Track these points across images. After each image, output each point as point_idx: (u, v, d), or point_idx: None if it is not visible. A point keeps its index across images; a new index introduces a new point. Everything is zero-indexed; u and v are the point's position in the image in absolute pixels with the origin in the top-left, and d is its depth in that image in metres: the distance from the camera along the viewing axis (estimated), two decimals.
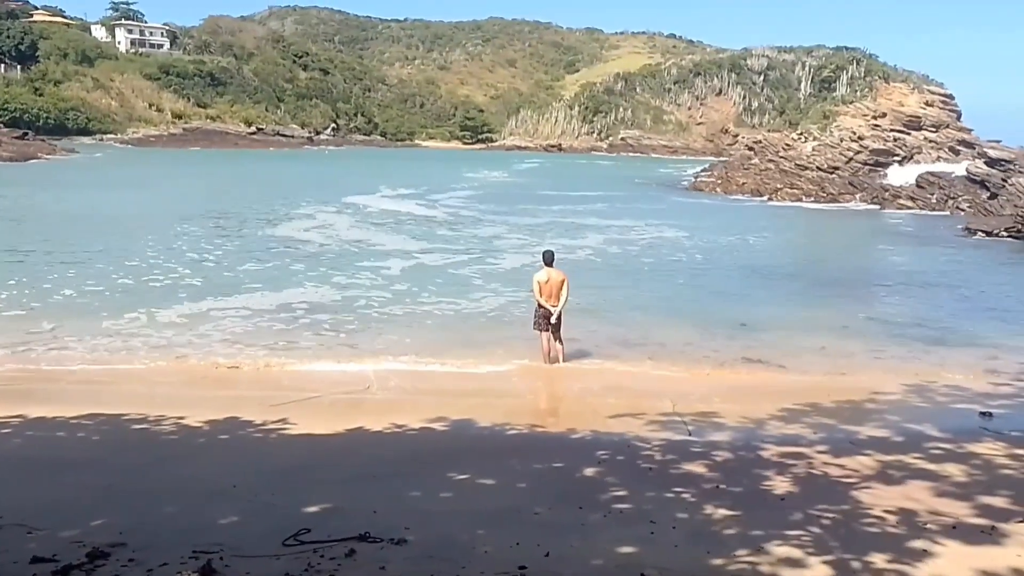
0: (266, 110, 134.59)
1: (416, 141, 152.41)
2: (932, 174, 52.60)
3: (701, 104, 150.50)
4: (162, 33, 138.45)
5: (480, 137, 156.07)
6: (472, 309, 18.78)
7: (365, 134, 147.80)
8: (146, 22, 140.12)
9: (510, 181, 69.50)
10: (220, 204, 39.87)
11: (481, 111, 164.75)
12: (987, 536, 6.34)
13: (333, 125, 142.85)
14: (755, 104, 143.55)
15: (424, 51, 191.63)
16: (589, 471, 8.35)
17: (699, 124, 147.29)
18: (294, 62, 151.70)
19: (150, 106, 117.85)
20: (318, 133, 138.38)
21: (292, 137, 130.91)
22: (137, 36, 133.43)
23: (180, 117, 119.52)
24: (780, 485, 7.94)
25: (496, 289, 20.92)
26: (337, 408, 11.40)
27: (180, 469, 8.41)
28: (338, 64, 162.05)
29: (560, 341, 13.87)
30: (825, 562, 5.83)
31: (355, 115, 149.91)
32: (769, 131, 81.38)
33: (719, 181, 65.04)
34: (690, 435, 10.07)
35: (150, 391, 12.20)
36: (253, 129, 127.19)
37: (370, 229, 33.38)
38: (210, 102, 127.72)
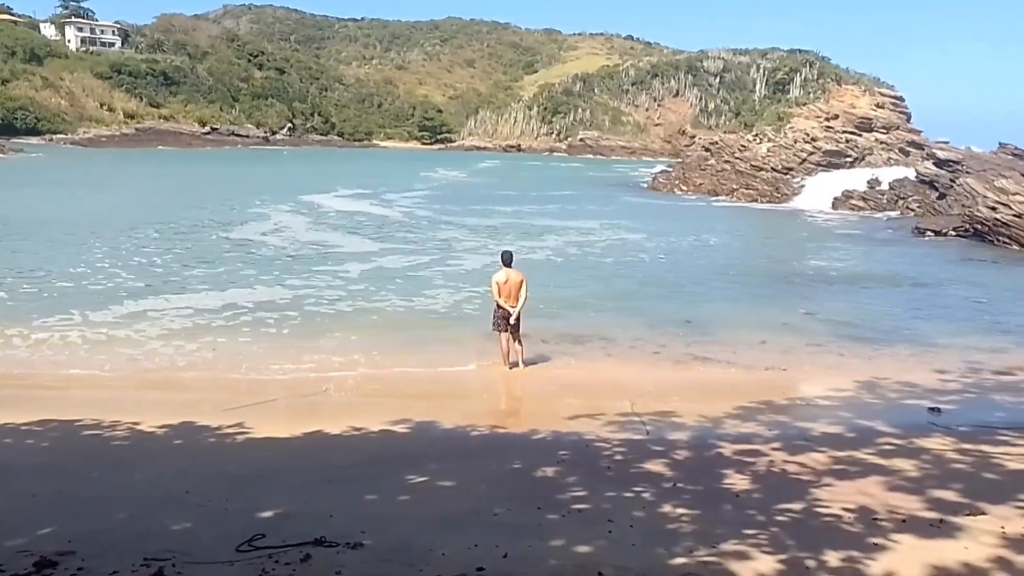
0: (221, 110, 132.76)
1: (374, 141, 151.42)
2: (883, 174, 53.63)
3: (659, 105, 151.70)
4: (113, 31, 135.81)
5: (439, 137, 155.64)
6: (431, 311, 18.71)
7: (322, 134, 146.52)
8: (97, 20, 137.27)
9: (469, 181, 69.40)
10: (173, 205, 39.22)
11: (440, 111, 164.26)
12: (937, 529, 6.46)
13: (289, 125, 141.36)
14: (711, 105, 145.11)
15: (382, 51, 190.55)
16: (549, 471, 8.36)
17: (657, 125, 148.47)
18: (249, 61, 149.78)
19: (101, 106, 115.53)
20: (274, 133, 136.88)
21: (247, 137, 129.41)
22: (88, 34, 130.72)
23: (132, 117, 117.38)
24: (737, 483, 8.02)
25: (456, 290, 20.85)
26: (294, 411, 11.28)
27: (133, 475, 8.25)
28: (294, 63, 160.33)
29: (519, 341, 13.87)
30: (781, 560, 5.89)
31: (312, 115, 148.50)
32: (725, 132, 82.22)
33: (677, 182, 65.63)
34: (648, 434, 10.13)
35: (102, 396, 11.96)
36: (207, 129, 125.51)
37: (327, 231, 33.09)
38: (163, 102, 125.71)
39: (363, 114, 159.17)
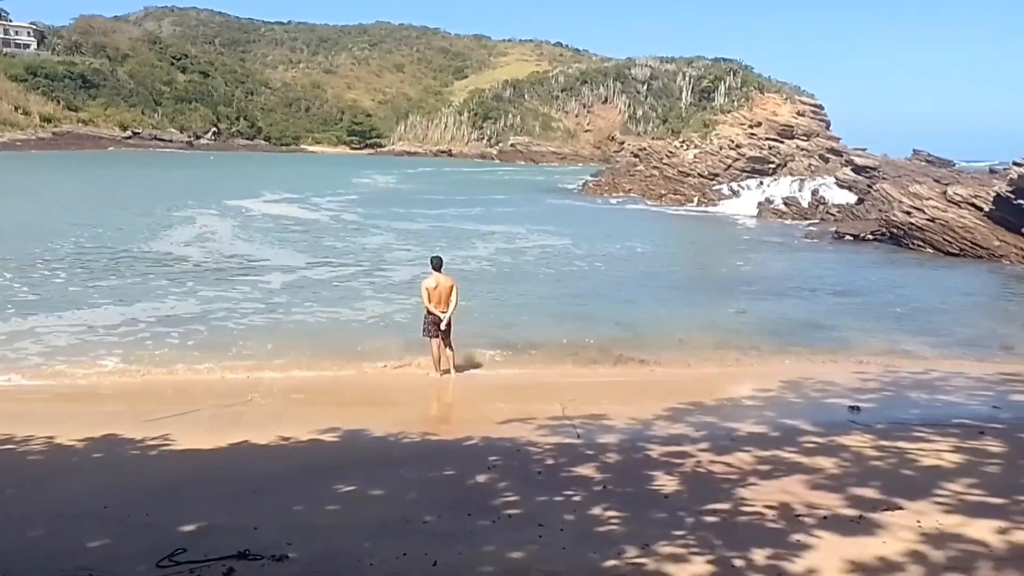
0: (143, 114, 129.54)
1: (302, 146, 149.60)
2: (804, 180, 55.24)
3: (588, 112, 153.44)
4: (29, 32, 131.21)
5: (368, 142, 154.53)
6: (358, 320, 18.25)
7: (248, 138, 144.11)
8: (11, 21, 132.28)
9: (399, 187, 69.01)
10: (91, 213, 37.85)
11: (369, 116, 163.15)
12: (857, 526, 6.63)
13: (214, 129, 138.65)
14: (640, 112, 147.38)
15: (309, 54, 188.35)
16: (480, 478, 8.32)
17: (587, 131, 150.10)
18: (172, 64, 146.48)
19: (16, 109, 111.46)
20: (198, 137, 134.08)
21: (171, 142, 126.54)
22: (1, 35, 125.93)
23: (49, 120, 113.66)
24: (666, 484, 8.10)
25: (386, 301, 20.13)
26: (219, 421, 11.00)
27: (48, 491, 7.94)
28: (219, 67, 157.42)
29: (450, 347, 13.82)
30: (709, 560, 5.97)
31: (237, 119, 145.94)
32: (653, 139, 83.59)
33: (607, 187, 66.46)
34: (579, 438, 10.17)
35: (15, 409, 11.49)
36: (128, 133, 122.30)
37: (252, 237, 32.42)
38: (82, 105, 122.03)
39: (290, 118, 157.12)
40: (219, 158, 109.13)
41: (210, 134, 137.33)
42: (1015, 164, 33.98)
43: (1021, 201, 31.27)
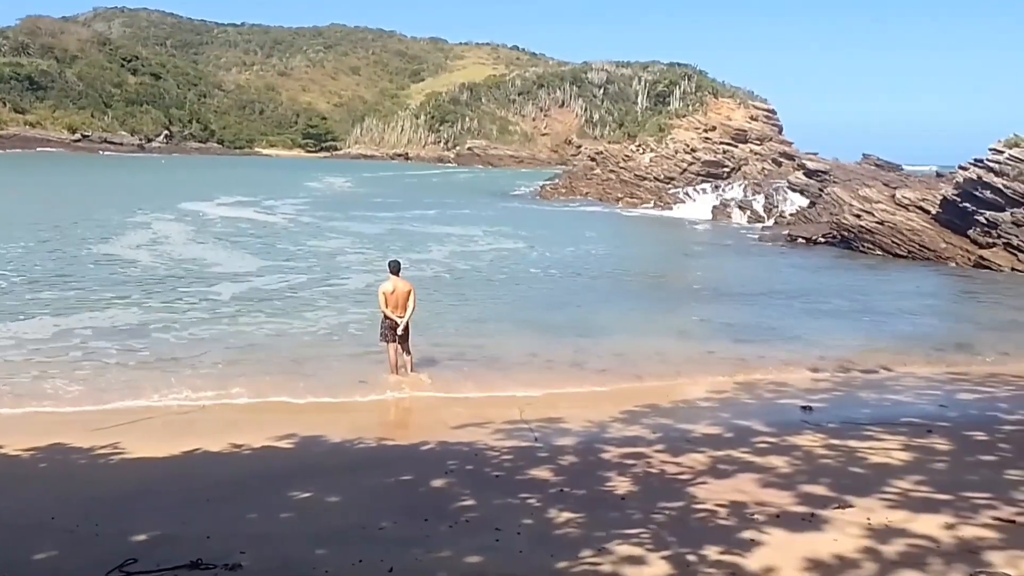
0: (92, 116, 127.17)
1: (256, 149, 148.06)
2: (758, 184, 56.10)
3: (545, 115, 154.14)
4: None
5: (324, 145, 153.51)
6: (312, 329, 17.42)
7: (201, 141, 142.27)
8: None
9: (356, 191, 68.62)
10: (35, 218, 36.42)
11: (324, 119, 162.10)
12: (808, 523, 6.75)
13: (166, 132, 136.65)
14: (596, 116, 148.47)
15: (263, 57, 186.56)
16: (437, 482, 8.30)
17: (544, 135, 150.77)
18: (122, 66, 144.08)
19: None
20: (149, 140, 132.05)
21: (121, 145, 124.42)
22: None
23: None
24: (621, 485, 8.16)
25: (340, 312, 19.17)
26: (172, 429, 10.82)
27: None
28: (171, 69, 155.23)
29: (408, 352, 13.74)
30: (663, 558, 6.02)
31: (190, 122, 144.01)
32: (610, 143, 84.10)
33: (564, 191, 66.76)
34: (536, 441, 10.20)
35: None
36: (78, 136, 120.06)
37: (203, 244, 31.86)
38: (29, 107, 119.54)
39: (244, 121, 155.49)
40: (172, 161, 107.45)
41: (162, 137, 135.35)
42: (961, 168, 34.86)
43: (967, 204, 32.07)
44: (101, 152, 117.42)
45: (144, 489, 8.23)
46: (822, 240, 36.48)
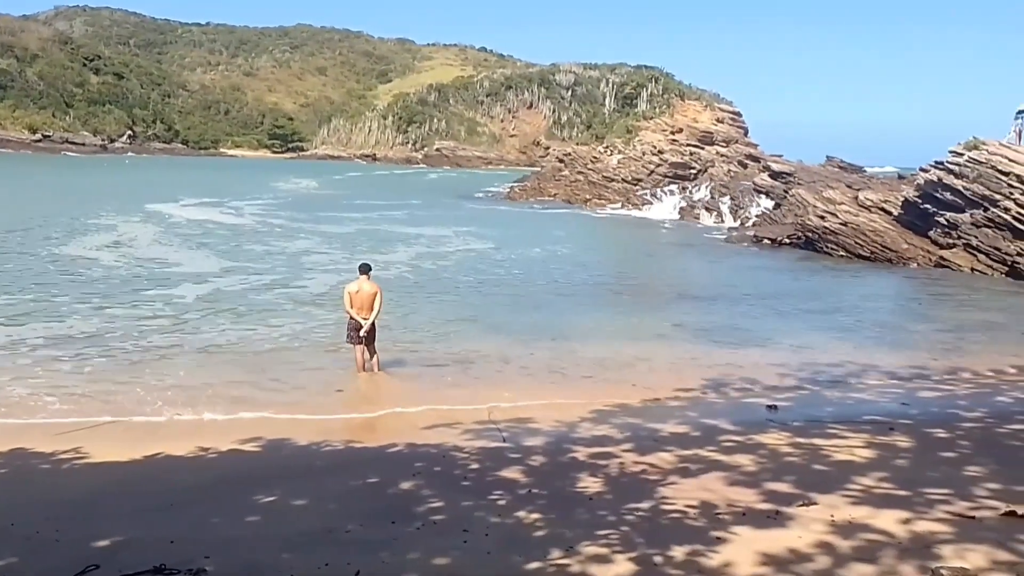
0: (53, 116, 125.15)
1: (221, 149, 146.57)
2: (724, 186, 56.64)
3: (513, 117, 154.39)
4: None
5: (290, 146, 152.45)
6: (278, 330, 17.07)
7: (165, 142, 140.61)
8: None
9: (323, 192, 68.17)
10: None
11: (291, 119, 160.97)
12: (773, 520, 6.82)
13: (129, 132, 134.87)
14: (564, 118, 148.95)
15: (228, 56, 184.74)
16: (405, 484, 8.26)
17: (512, 136, 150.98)
18: (84, 65, 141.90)
19: None
20: (112, 141, 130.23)
21: (83, 145, 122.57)
22: None
23: None
24: (590, 485, 8.19)
25: (306, 317, 18.79)
26: (135, 433, 10.65)
27: None
28: (134, 68, 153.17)
29: (373, 353, 13.69)
30: (631, 558, 6.05)
31: (154, 122, 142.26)
32: (578, 144, 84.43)
33: (532, 192, 66.88)
34: (505, 441, 10.20)
35: None
36: (38, 136, 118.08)
37: (165, 246, 31.45)
38: None
39: (209, 121, 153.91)
40: (135, 162, 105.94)
41: (125, 137, 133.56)
42: (921, 170, 35.48)
43: (927, 206, 32.63)
44: (63, 153, 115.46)
45: (107, 494, 8.11)
46: (787, 241, 36.89)
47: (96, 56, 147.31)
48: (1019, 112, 32.44)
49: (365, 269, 13.84)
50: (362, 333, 13.39)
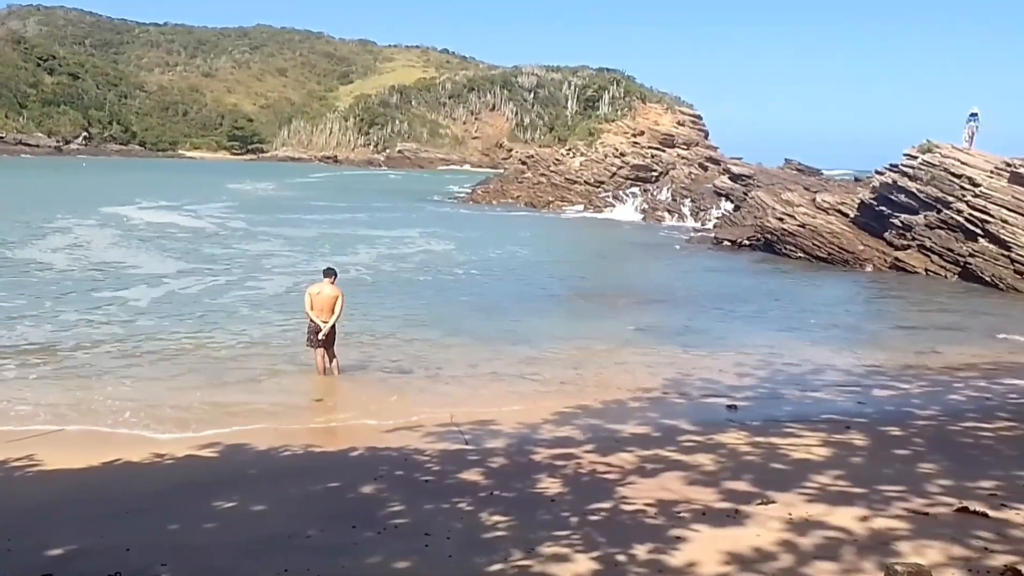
0: (6, 117, 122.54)
1: (180, 151, 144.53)
2: (685, 188, 57.18)
3: (476, 119, 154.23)
4: None
5: (250, 147, 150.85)
6: (235, 338, 16.69)
7: (122, 143, 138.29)
8: None
9: (283, 194, 67.53)
10: None
11: (251, 120, 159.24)
12: (732, 519, 6.89)
13: (85, 134, 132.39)
14: (527, 120, 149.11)
15: (186, 57, 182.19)
16: (366, 488, 8.22)
17: (475, 138, 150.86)
18: (38, 65, 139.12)
19: None
20: (68, 142, 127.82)
21: (37, 147, 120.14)
22: None
23: None
24: (551, 487, 8.21)
25: (264, 317, 18.66)
26: (90, 439, 10.47)
27: None
28: (89, 68, 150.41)
29: (333, 357, 13.59)
30: (593, 558, 6.08)
31: (110, 123, 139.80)
32: (541, 146, 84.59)
33: (495, 194, 66.88)
34: (467, 444, 10.18)
35: None
36: None
37: (125, 248, 31.00)
38: None
39: (167, 123, 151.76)
40: (92, 164, 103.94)
41: (80, 139, 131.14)
42: (877, 173, 36.11)
43: (883, 208, 33.22)
44: (19, 155, 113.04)
45: (60, 501, 7.95)
46: (747, 243, 37.30)
47: (50, 56, 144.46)
48: (972, 115, 33.09)
49: (330, 273, 13.77)
50: (321, 336, 13.30)
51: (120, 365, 14.18)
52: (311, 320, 13.38)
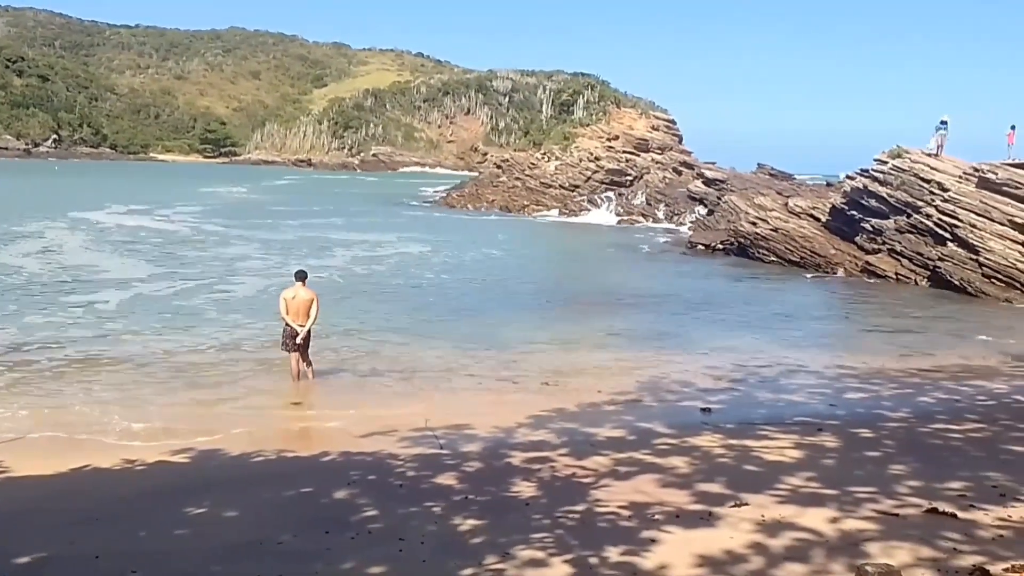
0: None
1: (151, 154, 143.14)
2: (660, 192, 57.53)
3: (451, 123, 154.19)
4: None
5: (223, 151, 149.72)
6: (207, 342, 16.53)
7: (92, 146, 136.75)
8: None
9: (256, 198, 67.03)
10: None
11: (223, 123, 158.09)
12: (705, 521, 6.93)
13: (55, 136, 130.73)
14: (502, 124, 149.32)
15: (158, 59, 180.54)
16: (340, 494, 8.17)
17: (450, 142, 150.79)
18: (7, 67, 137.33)
19: None
20: (37, 145, 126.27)
21: (6, 149, 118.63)
22: None
23: None
24: (526, 490, 8.21)
25: (237, 321, 18.56)
26: (59, 446, 10.30)
27: None
28: (59, 71, 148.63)
29: (308, 362, 13.50)
30: (566, 560, 6.09)
31: (80, 126, 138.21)
32: (516, 150, 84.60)
33: (470, 198, 66.84)
34: (441, 448, 10.15)
35: None
36: None
37: (94, 254, 30.63)
38: None
39: (138, 125, 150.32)
40: (64, 167, 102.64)
41: (50, 141, 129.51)
42: (848, 177, 36.49)
43: (854, 212, 33.57)
44: (11, 160, 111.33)
45: (29, 509, 7.83)
46: (720, 247, 37.54)
47: (19, 58, 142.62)
48: (942, 123, 33.49)
49: (301, 276, 13.67)
50: (298, 340, 13.20)
51: (89, 370, 14.03)
52: (287, 324, 13.28)
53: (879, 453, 9.72)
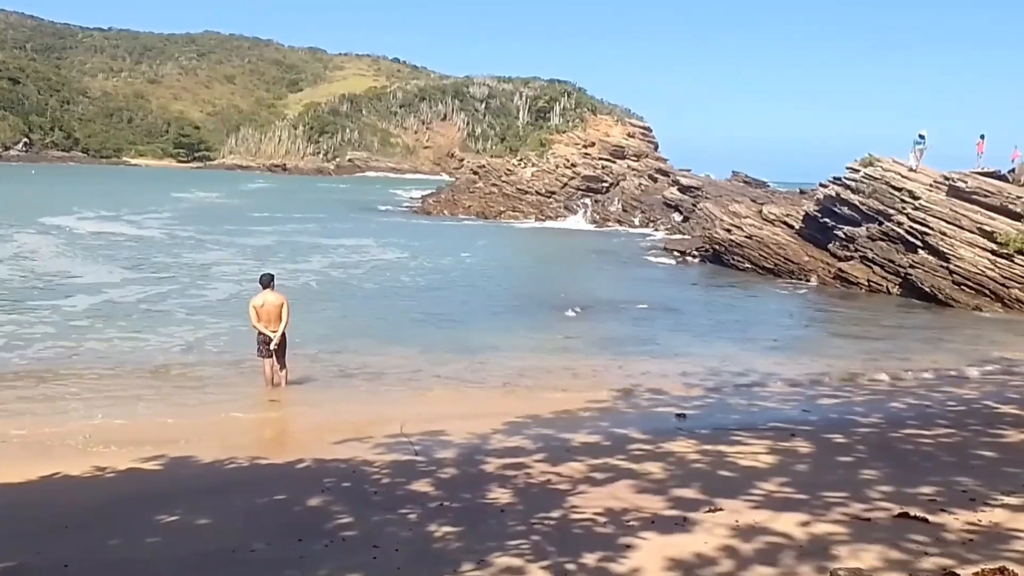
0: None
1: (124, 158, 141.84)
2: (635, 199, 57.83)
3: (427, 128, 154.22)
4: None
5: (197, 155, 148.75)
6: (180, 346, 16.63)
7: (64, 150, 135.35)
8: None
9: (230, 203, 66.56)
10: None
11: (197, 128, 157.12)
12: (680, 526, 6.96)
13: (25, 140, 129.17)
14: (479, 130, 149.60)
15: (132, 63, 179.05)
16: (313, 501, 8.10)
17: (426, 148, 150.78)
18: None
19: None
20: (7, 148, 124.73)
21: None
22: None
23: None
24: (501, 497, 8.19)
25: (207, 325, 18.54)
26: (28, 452, 10.16)
27: None
28: (30, 73, 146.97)
29: (283, 366, 13.41)
30: (543, 567, 6.08)
31: (52, 129, 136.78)
32: (492, 156, 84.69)
33: (446, 204, 66.81)
34: (417, 455, 10.11)
35: None
36: None
37: (60, 259, 30.29)
38: None
39: (111, 129, 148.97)
40: (40, 171, 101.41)
41: (20, 145, 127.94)
42: (821, 185, 36.85)
43: (827, 219, 33.90)
44: None
45: None
46: (695, 253, 37.79)
47: None
48: (920, 137, 33.88)
49: (267, 281, 13.48)
50: (272, 346, 13.11)
51: (59, 375, 13.88)
52: (260, 332, 13.17)
53: (851, 458, 9.81)
